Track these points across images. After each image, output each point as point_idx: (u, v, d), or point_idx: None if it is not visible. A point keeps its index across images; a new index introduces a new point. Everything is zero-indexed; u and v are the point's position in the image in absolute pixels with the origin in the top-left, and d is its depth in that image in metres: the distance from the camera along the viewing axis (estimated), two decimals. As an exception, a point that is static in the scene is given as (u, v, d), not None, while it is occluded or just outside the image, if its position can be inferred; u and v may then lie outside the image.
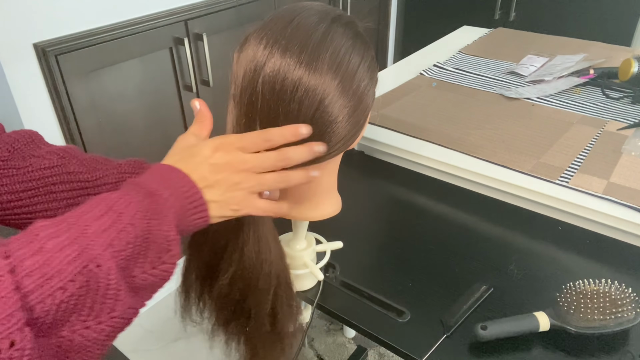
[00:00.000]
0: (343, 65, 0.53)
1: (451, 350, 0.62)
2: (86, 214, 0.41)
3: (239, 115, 0.55)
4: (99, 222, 0.41)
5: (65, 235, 0.39)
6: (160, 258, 0.44)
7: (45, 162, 0.54)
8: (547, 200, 0.85)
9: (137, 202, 0.43)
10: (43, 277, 0.36)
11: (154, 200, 0.44)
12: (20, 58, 1.18)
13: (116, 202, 0.42)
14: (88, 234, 0.39)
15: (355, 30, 0.57)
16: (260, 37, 0.53)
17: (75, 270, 0.38)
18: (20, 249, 0.37)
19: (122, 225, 0.41)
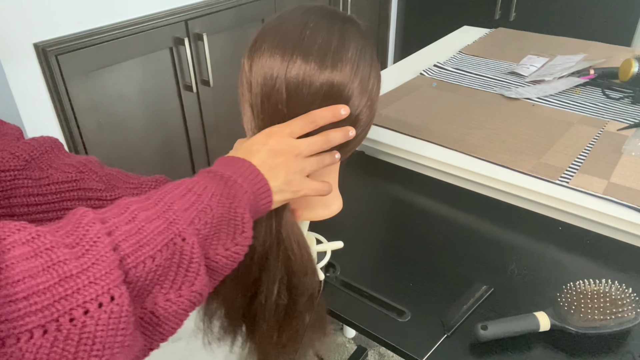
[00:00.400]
0: (361, 65, 0.55)
1: (451, 350, 0.62)
2: (168, 193, 0.43)
3: (263, 125, 0.55)
4: (181, 200, 0.43)
5: (154, 209, 0.41)
6: (233, 239, 0.46)
7: (63, 175, 0.52)
8: (547, 200, 0.85)
9: (213, 186, 0.45)
10: (137, 244, 0.38)
11: (228, 184, 0.47)
12: (20, 58, 1.18)
13: (195, 185, 0.45)
14: (173, 210, 0.41)
15: (362, 30, 0.58)
16: (275, 44, 0.53)
17: (164, 241, 0.40)
18: (114, 217, 0.39)
19: (201, 205, 0.43)
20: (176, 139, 1.60)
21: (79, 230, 0.36)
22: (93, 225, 0.37)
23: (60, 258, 0.33)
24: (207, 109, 1.64)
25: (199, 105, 1.62)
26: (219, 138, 1.71)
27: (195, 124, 1.63)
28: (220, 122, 1.70)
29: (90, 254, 0.35)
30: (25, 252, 0.32)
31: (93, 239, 0.36)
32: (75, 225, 0.37)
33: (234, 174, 0.48)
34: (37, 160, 0.53)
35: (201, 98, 1.61)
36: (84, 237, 0.35)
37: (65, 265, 0.33)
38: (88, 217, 0.37)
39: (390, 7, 2.64)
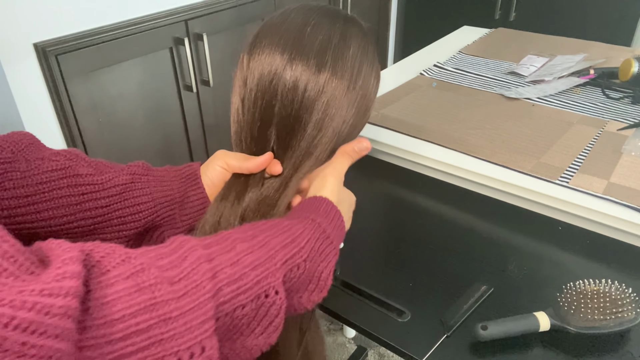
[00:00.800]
0: (363, 67, 0.55)
1: (451, 350, 0.62)
2: (274, 237, 0.44)
3: (253, 119, 0.55)
4: (283, 251, 0.43)
5: (258, 253, 0.41)
6: (310, 297, 0.47)
7: (53, 164, 0.51)
8: (547, 200, 0.85)
9: (312, 240, 0.46)
10: (236, 291, 0.38)
11: (324, 243, 0.48)
12: (20, 58, 1.18)
13: (299, 236, 0.45)
14: (275, 260, 0.42)
15: (364, 29, 0.58)
16: (276, 42, 0.53)
17: (258, 291, 0.40)
18: (220, 254, 0.38)
19: (298, 260, 0.44)
20: (176, 139, 1.60)
21: (184, 264, 0.35)
22: (200, 265, 0.36)
23: (163, 297, 0.33)
24: (207, 109, 1.64)
25: (199, 105, 1.61)
26: (219, 138, 1.71)
27: (195, 124, 1.63)
28: (220, 122, 1.70)
29: (191, 296, 0.34)
30: (128, 287, 0.32)
31: (197, 281, 0.35)
32: (182, 257, 0.36)
33: (333, 231, 0.50)
34: (23, 153, 0.51)
35: (201, 98, 1.61)
36: (188, 276, 0.35)
37: (167, 305, 0.33)
38: (196, 252, 0.37)
39: (390, 7, 2.64)
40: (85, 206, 0.51)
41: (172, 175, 0.58)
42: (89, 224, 0.52)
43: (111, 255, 0.33)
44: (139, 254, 0.34)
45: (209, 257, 0.37)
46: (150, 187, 0.55)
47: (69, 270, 0.28)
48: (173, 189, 0.57)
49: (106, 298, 0.31)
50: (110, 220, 0.53)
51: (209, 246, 0.39)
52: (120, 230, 0.54)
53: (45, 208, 0.50)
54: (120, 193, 0.53)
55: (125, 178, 0.54)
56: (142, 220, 0.55)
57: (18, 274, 0.27)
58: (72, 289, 0.28)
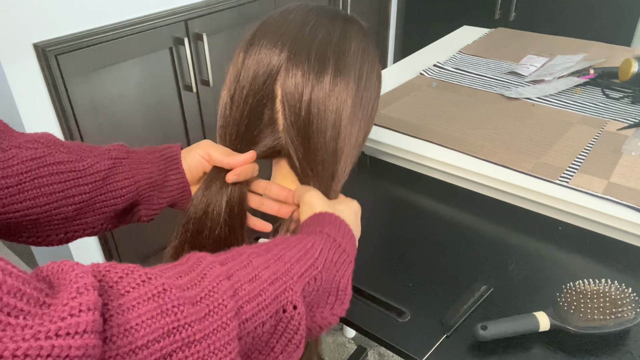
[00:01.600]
0: (364, 66, 0.55)
1: (451, 350, 0.62)
2: (287, 250, 0.43)
3: (241, 116, 0.55)
4: (299, 264, 0.42)
5: (274, 267, 0.40)
6: (332, 309, 0.46)
7: (30, 152, 0.49)
8: (547, 200, 0.85)
9: (325, 250, 0.46)
10: (257, 307, 0.37)
11: (338, 251, 0.47)
12: (20, 58, 1.18)
13: (311, 248, 0.45)
14: (291, 274, 0.41)
15: (364, 29, 0.57)
16: (274, 41, 0.53)
17: (277, 306, 0.39)
18: (238, 269, 0.38)
19: (315, 272, 0.43)
20: (176, 139, 1.59)
21: (204, 282, 0.35)
22: (220, 283, 0.35)
23: (186, 319, 0.32)
24: (207, 109, 1.64)
25: (199, 105, 1.61)
26: (219, 138, 1.71)
27: (195, 124, 1.63)
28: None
29: (213, 316, 0.33)
30: (151, 310, 0.30)
31: (218, 299, 0.34)
32: (201, 275, 0.35)
33: (339, 235, 0.49)
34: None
35: (201, 98, 1.61)
36: (209, 295, 0.34)
37: (190, 328, 0.32)
38: (215, 269, 0.36)
39: (390, 7, 2.64)
40: (67, 193, 0.51)
41: (152, 156, 0.58)
42: (72, 210, 0.52)
43: (130, 276, 0.32)
44: (158, 274, 0.33)
45: (227, 274, 0.37)
46: (132, 170, 0.55)
47: (84, 301, 0.27)
48: (153, 171, 0.57)
49: (129, 323, 0.29)
50: (93, 205, 0.53)
51: (226, 262, 0.38)
52: (103, 213, 0.54)
53: (27, 197, 0.48)
54: (102, 178, 0.53)
55: (107, 163, 0.54)
56: (124, 203, 0.55)
57: (28, 309, 0.25)
58: (90, 324, 0.26)
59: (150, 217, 0.59)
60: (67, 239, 0.54)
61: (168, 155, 0.59)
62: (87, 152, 0.54)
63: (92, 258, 1.48)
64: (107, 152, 0.55)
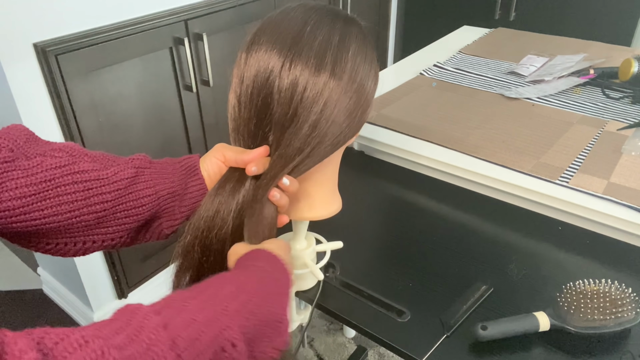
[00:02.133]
0: (360, 68, 0.55)
1: (451, 350, 0.62)
2: (222, 287, 0.43)
3: (249, 116, 0.55)
4: (234, 302, 0.42)
5: (210, 309, 0.40)
6: (271, 342, 0.46)
7: (55, 160, 0.49)
8: (547, 200, 0.85)
9: (261, 284, 0.46)
10: (196, 352, 0.37)
11: (271, 283, 0.47)
12: (20, 58, 1.18)
13: (247, 284, 0.45)
14: (228, 312, 0.41)
15: (363, 30, 0.57)
16: (274, 40, 0.53)
17: (216, 347, 0.39)
18: (174, 316, 0.38)
19: (252, 306, 0.43)
20: (176, 139, 1.59)
21: (141, 336, 0.34)
22: (158, 335, 0.35)
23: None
24: (207, 109, 1.64)
25: (199, 105, 1.61)
26: (219, 138, 1.71)
27: (195, 124, 1.63)
28: (220, 122, 1.70)
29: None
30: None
31: (158, 353, 0.34)
32: (137, 329, 0.35)
33: (272, 267, 0.49)
34: (22, 149, 0.49)
35: (201, 98, 1.61)
36: (148, 350, 0.34)
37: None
38: (150, 321, 0.36)
39: (390, 7, 2.64)
40: (90, 201, 0.51)
41: (172, 167, 0.59)
42: (93, 218, 0.51)
43: (66, 341, 0.31)
44: (93, 335, 0.33)
45: (163, 323, 0.36)
46: (153, 179, 0.55)
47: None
48: (174, 181, 0.57)
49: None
50: (115, 214, 0.53)
51: (160, 311, 0.38)
52: (124, 224, 0.54)
53: (49, 205, 0.48)
54: (125, 187, 0.53)
55: (130, 172, 0.54)
56: (145, 213, 0.55)
57: None
58: None
59: (173, 230, 0.59)
60: (84, 249, 0.54)
61: (187, 164, 0.59)
62: (110, 161, 0.54)
63: (92, 257, 1.48)
64: (131, 162, 0.55)
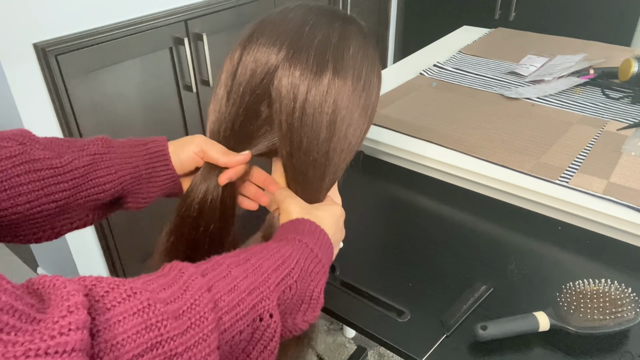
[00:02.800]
0: (364, 66, 0.54)
1: (451, 350, 0.62)
2: (266, 259, 0.44)
3: (236, 113, 0.55)
4: (275, 273, 0.44)
5: (252, 277, 0.41)
6: (304, 316, 0.47)
7: (5, 151, 0.48)
8: (547, 200, 0.85)
9: (302, 260, 0.47)
10: (235, 317, 0.38)
11: (314, 261, 0.48)
12: (20, 58, 1.18)
13: (288, 258, 0.46)
14: (268, 284, 0.42)
15: (363, 30, 0.57)
16: (273, 40, 0.52)
17: (254, 315, 0.40)
18: (217, 280, 0.39)
19: (290, 281, 0.45)
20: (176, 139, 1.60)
21: (186, 295, 0.36)
22: (201, 296, 0.36)
23: (169, 333, 0.33)
24: (207, 109, 1.64)
25: (199, 105, 1.61)
26: (219, 138, 1.71)
27: (195, 124, 1.63)
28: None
29: (195, 329, 0.34)
30: (136, 325, 0.32)
31: (200, 312, 0.35)
32: (183, 288, 0.36)
33: (316, 245, 0.50)
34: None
35: (201, 98, 1.61)
36: (191, 308, 0.35)
37: (173, 341, 0.33)
38: (196, 282, 0.37)
39: (390, 7, 2.64)
40: (47, 191, 0.49)
41: (136, 150, 0.58)
42: (53, 207, 0.51)
43: (116, 291, 0.33)
44: (142, 288, 0.34)
45: (208, 286, 0.38)
46: (114, 164, 0.55)
47: (73, 320, 0.28)
48: (139, 165, 0.57)
49: (116, 339, 0.30)
50: (75, 201, 0.52)
51: (206, 273, 0.39)
52: (87, 208, 0.54)
53: (5, 197, 0.47)
54: (82, 175, 0.52)
55: (86, 159, 0.53)
56: (108, 197, 0.55)
57: (20, 326, 0.26)
58: (78, 343, 0.27)
59: (139, 208, 0.60)
60: (55, 234, 0.54)
61: (154, 149, 0.59)
62: (65, 148, 0.53)
63: (92, 257, 1.48)
64: (87, 148, 0.54)
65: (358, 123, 0.55)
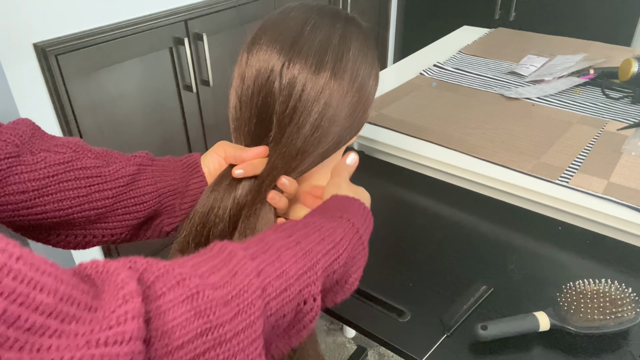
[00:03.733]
0: (362, 68, 0.55)
1: (451, 350, 0.62)
2: (317, 244, 0.44)
3: (250, 115, 0.55)
4: (324, 258, 0.44)
5: (302, 262, 0.41)
6: (337, 294, 0.48)
7: (59, 156, 0.50)
8: (547, 200, 0.85)
9: (347, 242, 0.47)
10: (281, 302, 0.39)
11: (358, 247, 0.49)
12: (20, 58, 1.18)
13: (339, 241, 0.46)
14: (316, 268, 0.42)
15: (364, 30, 0.57)
16: (274, 40, 0.53)
17: (299, 299, 0.40)
18: (267, 265, 0.39)
19: (336, 266, 0.45)
20: (176, 139, 1.59)
21: (235, 280, 0.36)
22: (250, 282, 0.36)
23: (218, 320, 0.33)
24: (207, 109, 1.64)
25: (199, 105, 1.61)
26: (219, 138, 1.70)
27: (195, 124, 1.63)
28: (220, 122, 1.70)
29: (242, 315, 0.35)
30: (186, 312, 0.32)
31: (248, 299, 0.35)
32: (232, 272, 0.36)
33: (365, 230, 0.51)
34: (28, 145, 0.50)
35: (201, 98, 1.61)
36: (240, 294, 0.35)
37: (222, 328, 0.33)
38: (245, 266, 0.37)
39: (390, 7, 2.64)
40: (92, 197, 0.51)
41: (174, 165, 0.59)
42: (94, 214, 0.52)
43: (165, 277, 0.33)
44: (192, 272, 0.34)
45: (257, 270, 0.38)
46: (155, 177, 0.56)
47: (130, 309, 0.28)
48: (176, 178, 0.58)
49: (166, 326, 0.31)
50: (115, 210, 0.54)
51: (255, 256, 0.39)
52: (124, 220, 0.55)
53: (52, 200, 0.49)
54: (127, 184, 0.54)
55: (132, 169, 0.54)
56: (146, 210, 0.55)
57: (79, 315, 0.27)
58: (135, 331, 0.28)
59: (173, 227, 0.60)
60: (85, 243, 0.55)
61: (189, 162, 0.60)
62: (113, 158, 0.55)
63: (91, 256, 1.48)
64: (133, 159, 0.56)
65: (343, 122, 0.55)
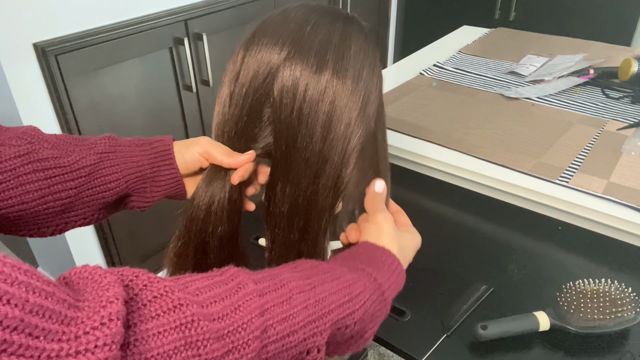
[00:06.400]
0: (364, 66, 0.54)
1: (451, 350, 0.62)
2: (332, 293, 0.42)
3: (240, 114, 0.55)
4: (338, 310, 0.41)
5: (312, 310, 0.39)
6: (346, 349, 0.46)
7: (13, 150, 0.48)
8: (547, 200, 0.85)
9: (370, 304, 0.45)
10: (281, 349, 0.37)
11: (379, 305, 0.47)
12: (20, 58, 1.18)
13: (357, 296, 0.44)
14: (326, 320, 0.40)
15: (364, 30, 0.57)
16: (274, 40, 0.52)
17: (302, 349, 0.38)
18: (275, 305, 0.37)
19: (349, 322, 0.43)
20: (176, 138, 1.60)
21: (235, 315, 0.34)
22: (251, 320, 0.35)
23: (207, 355, 0.32)
24: (207, 109, 1.64)
25: (199, 105, 1.61)
26: (219, 138, 1.71)
27: (195, 124, 1.63)
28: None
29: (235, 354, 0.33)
30: (175, 340, 0.30)
31: (244, 338, 0.34)
32: (234, 306, 0.35)
33: (387, 284, 0.48)
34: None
35: (201, 98, 1.61)
36: (237, 331, 0.34)
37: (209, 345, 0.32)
38: (250, 302, 0.35)
39: (390, 7, 2.64)
40: (54, 189, 0.50)
41: (142, 149, 0.59)
42: (59, 205, 0.51)
43: (163, 298, 0.32)
44: (191, 299, 0.33)
45: (262, 309, 0.36)
46: (120, 164, 0.55)
47: (108, 334, 0.27)
48: (144, 164, 0.57)
49: (150, 352, 0.29)
50: (81, 199, 0.53)
51: (264, 293, 0.37)
52: (92, 206, 0.54)
53: (13, 195, 0.48)
54: (89, 174, 0.53)
55: (93, 158, 0.53)
56: (113, 195, 0.55)
57: (49, 328, 0.26)
58: (117, 336, 0.27)
59: (143, 208, 0.60)
60: (59, 230, 0.54)
61: (160, 149, 0.59)
62: (72, 147, 0.53)
63: (91, 256, 1.48)
64: (94, 147, 0.54)
65: (356, 123, 0.54)
